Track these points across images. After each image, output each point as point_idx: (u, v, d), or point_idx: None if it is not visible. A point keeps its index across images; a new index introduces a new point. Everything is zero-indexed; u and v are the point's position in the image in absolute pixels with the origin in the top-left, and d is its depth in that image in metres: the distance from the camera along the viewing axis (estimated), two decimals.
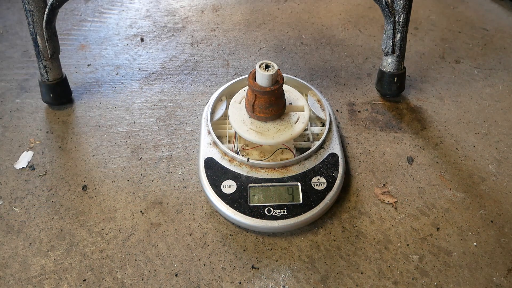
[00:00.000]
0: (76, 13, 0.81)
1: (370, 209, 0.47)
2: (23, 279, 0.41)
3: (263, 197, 0.44)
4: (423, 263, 0.43)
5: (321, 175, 0.46)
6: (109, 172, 0.51)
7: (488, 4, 0.84)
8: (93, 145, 0.55)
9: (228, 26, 0.78)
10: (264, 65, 0.43)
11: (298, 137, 0.51)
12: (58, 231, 0.45)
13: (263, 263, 0.43)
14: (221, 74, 0.67)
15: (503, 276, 0.42)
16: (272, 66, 0.43)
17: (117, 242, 0.44)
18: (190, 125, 0.58)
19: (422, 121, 0.58)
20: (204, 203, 0.48)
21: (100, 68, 0.68)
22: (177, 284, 0.41)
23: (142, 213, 0.47)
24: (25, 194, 0.49)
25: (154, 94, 0.63)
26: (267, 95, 0.44)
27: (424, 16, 0.81)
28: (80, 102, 0.61)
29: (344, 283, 0.41)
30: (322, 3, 0.84)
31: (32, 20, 0.52)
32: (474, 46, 0.73)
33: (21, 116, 0.59)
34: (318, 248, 0.44)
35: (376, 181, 0.50)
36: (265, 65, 0.43)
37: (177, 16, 0.80)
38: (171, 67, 0.68)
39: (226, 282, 0.41)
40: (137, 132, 0.57)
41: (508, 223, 0.46)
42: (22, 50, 0.71)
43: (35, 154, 0.54)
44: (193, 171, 0.52)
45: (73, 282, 0.41)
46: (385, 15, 0.53)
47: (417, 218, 0.47)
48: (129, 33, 0.76)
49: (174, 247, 0.44)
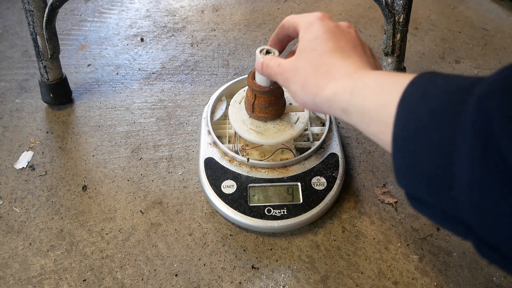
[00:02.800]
0: (76, 13, 0.81)
1: (370, 209, 0.47)
2: (23, 279, 0.41)
3: (263, 197, 0.44)
4: (423, 263, 0.43)
5: (321, 175, 0.46)
6: (109, 172, 0.51)
7: (488, 4, 0.84)
8: (93, 145, 0.55)
9: (228, 26, 0.78)
10: (265, 51, 0.40)
11: (298, 137, 0.51)
12: (58, 231, 0.45)
13: (263, 263, 0.43)
14: (221, 74, 0.67)
15: (503, 276, 0.42)
16: (273, 52, 0.40)
17: (117, 242, 0.44)
18: (190, 125, 0.58)
19: None
20: (204, 203, 0.48)
21: (100, 68, 0.68)
22: (177, 284, 0.41)
23: (142, 213, 0.47)
24: (25, 194, 0.49)
25: (154, 94, 0.63)
26: (267, 95, 0.44)
27: (424, 16, 0.81)
28: (80, 102, 0.61)
29: (344, 283, 0.41)
30: (322, 3, 0.84)
31: (32, 20, 0.52)
32: (474, 46, 0.73)
33: (21, 116, 0.59)
34: (318, 248, 0.44)
35: (376, 181, 0.50)
36: (266, 50, 0.40)
37: (177, 16, 0.80)
38: (171, 67, 0.68)
39: (226, 282, 0.41)
40: (137, 132, 0.57)
41: None
42: (22, 50, 0.71)
43: (35, 154, 0.54)
44: (193, 171, 0.52)
45: (73, 282, 0.41)
46: (385, 15, 0.53)
47: (417, 218, 0.47)
48: (129, 33, 0.76)
49: (174, 247, 0.44)
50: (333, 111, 0.30)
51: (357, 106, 0.27)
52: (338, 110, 0.29)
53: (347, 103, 0.28)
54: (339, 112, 0.29)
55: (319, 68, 0.31)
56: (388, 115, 0.24)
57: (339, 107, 0.29)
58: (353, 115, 0.28)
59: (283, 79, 0.35)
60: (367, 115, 0.26)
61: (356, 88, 0.28)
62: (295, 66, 0.34)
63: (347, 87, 0.28)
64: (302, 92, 0.33)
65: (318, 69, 0.32)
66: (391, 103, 0.24)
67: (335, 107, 0.29)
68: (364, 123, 0.27)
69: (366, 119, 0.26)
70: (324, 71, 0.31)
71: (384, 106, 0.25)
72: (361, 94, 0.27)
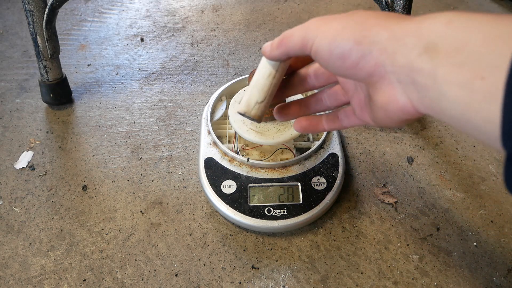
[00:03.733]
0: (76, 13, 0.81)
1: (370, 209, 0.47)
2: (23, 279, 0.41)
3: (263, 197, 0.44)
4: (423, 263, 0.43)
5: (321, 175, 0.46)
6: (109, 172, 0.51)
7: (488, 4, 0.84)
8: (93, 145, 0.55)
9: (228, 26, 0.78)
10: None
11: (298, 137, 0.51)
12: (58, 231, 0.45)
13: (263, 263, 0.43)
14: (221, 74, 0.67)
15: (503, 276, 0.42)
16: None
17: (117, 242, 0.44)
18: (190, 125, 0.58)
19: (422, 121, 0.58)
20: (204, 203, 0.48)
21: (100, 68, 0.68)
22: (177, 284, 0.41)
23: (142, 213, 0.47)
24: (25, 194, 0.49)
25: (154, 94, 0.63)
26: None
27: None
28: (80, 102, 0.61)
29: (344, 283, 0.41)
30: (322, 3, 0.84)
31: (32, 20, 0.52)
32: None
33: (21, 116, 0.59)
34: (318, 248, 0.44)
35: (376, 181, 0.50)
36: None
37: (177, 16, 0.80)
38: (171, 67, 0.68)
39: (226, 282, 0.41)
40: (137, 132, 0.57)
41: (508, 223, 0.46)
42: (22, 50, 0.71)
43: (35, 154, 0.54)
44: (193, 171, 0.52)
45: (73, 282, 0.41)
46: None
47: (417, 218, 0.47)
48: (129, 33, 0.76)
49: (174, 247, 0.44)
50: (400, 53, 0.21)
51: (454, 40, 0.19)
52: (414, 47, 0.21)
53: (438, 35, 0.20)
54: (415, 51, 0.21)
55: (380, 12, 0.23)
56: (502, 53, 0.17)
57: (421, 41, 0.20)
58: (442, 53, 0.20)
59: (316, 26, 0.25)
60: (467, 52, 0.19)
61: (458, 18, 0.20)
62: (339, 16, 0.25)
63: (444, 16, 0.20)
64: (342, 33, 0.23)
65: (380, 13, 0.23)
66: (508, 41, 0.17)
67: (410, 43, 0.21)
68: (457, 65, 0.19)
69: (463, 58, 0.19)
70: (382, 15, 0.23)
71: (497, 41, 0.18)
72: (465, 25, 0.19)
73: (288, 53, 0.28)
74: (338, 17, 0.25)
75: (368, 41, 0.22)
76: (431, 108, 0.21)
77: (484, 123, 0.18)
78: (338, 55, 0.24)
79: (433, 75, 0.20)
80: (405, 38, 0.21)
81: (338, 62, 0.24)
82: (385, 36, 0.22)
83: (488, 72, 0.18)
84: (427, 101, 0.21)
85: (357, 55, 0.23)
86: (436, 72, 0.20)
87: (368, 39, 0.22)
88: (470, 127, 0.20)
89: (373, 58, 0.23)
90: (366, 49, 0.23)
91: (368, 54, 0.23)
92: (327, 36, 0.24)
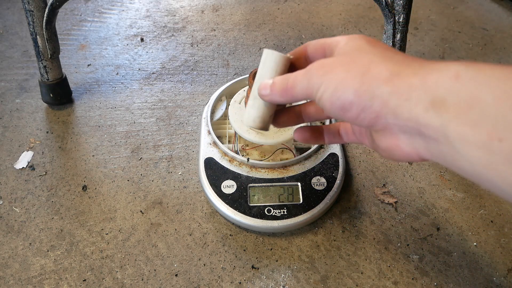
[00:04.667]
0: (76, 13, 0.81)
1: (370, 209, 0.47)
2: (23, 279, 0.41)
3: (263, 197, 0.44)
4: (423, 263, 0.43)
5: (321, 175, 0.46)
6: (109, 172, 0.51)
7: (488, 4, 0.84)
8: (93, 145, 0.55)
9: (228, 26, 0.78)
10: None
11: None
12: (58, 231, 0.45)
13: (263, 263, 0.43)
14: (221, 74, 0.67)
15: (503, 276, 0.42)
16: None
17: (117, 242, 0.44)
18: (190, 125, 0.58)
19: None
20: (204, 203, 0.48)
21: (100, 68, 0.68)
22: (177, 284, 0.41)
23: (142, 213, 0.47)
24: (25, 194, 0.49)
25: (154, 94, 0.63)
26: None
27: (424, 16, 0.81)
28: (80, 102, 0.61)
29: (344, 283, 0.41)
30: (322, 3, 0.84)
31: (32, 20, 0.52)
32: (474, 46, 0.73)
33: (21, 116, 0.59)
34: (318, 248, 0.44)
35: (376, 181, 0.50)
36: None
37: (177, 16, 0.80)
38: (171, 67, 0.68)
39: (226, 282, 0.41)
40: (137, 132, 0.57)
41: (508, 223, 0.46)
42: (22, 50, 0.71)
43: (35, 154, 0.54)
44: (193, 171, 0.52)
45: (73, 282, 0.41)
46: (385, 15, 0.53)
47: (417, 218, 0.47)
48: (129, 33, 0.76)
49: (174, 247, 0.44)
50: (404, 107, 0.21)
51: (464, 96, 0.19)
52: (419, 101, 0.20)
53: (446, 90, 0.19)
54: (420, 105, 0.20)
55: (384, 57, 0.23)
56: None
57: (427, 96, 0.20)
58: (451, 109, 0.19)
59: (319, 75, 0.25)
60: (479, 109, 0.18)
61: (465, 71, 0.19)
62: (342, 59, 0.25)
63: (451, 68, 0.20)
64: (343, 83, 0.23)
65: (384, 57, 0.23)
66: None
67: (415, 98, 0.20)
68: (471, 123, 0.18)
69: (476, 116, 0.18)
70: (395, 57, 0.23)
71: (510, 99, 0.17)
72: (475, 80, 0.19)
73: (293, 101, 0.28)
74: (341, 61, 0.25)
75: (369, 95, 0.22)
76: (442, 159, 0.21)
77: (508, 187, 0.18)
78: (339, 107, 0.24)
79: (443, 131, 0.20)
80: (409, 93, 0.21)
81: (339, 113, 0.24)
82: (387, 91, 0.21)
83: (506, 133, 0.17)
84: (436, 153, 0.21)
85: (357, 108, 0.23)
86: (447, 128, 0.19)
87: (369, 93, 0.22)
88: (491, 185, 0.19)
89: (374, 111, 0.22)
90: (367, 102, 0.22)
91: (369, 107, 0.23)
92: (329, 86, 0.24)
